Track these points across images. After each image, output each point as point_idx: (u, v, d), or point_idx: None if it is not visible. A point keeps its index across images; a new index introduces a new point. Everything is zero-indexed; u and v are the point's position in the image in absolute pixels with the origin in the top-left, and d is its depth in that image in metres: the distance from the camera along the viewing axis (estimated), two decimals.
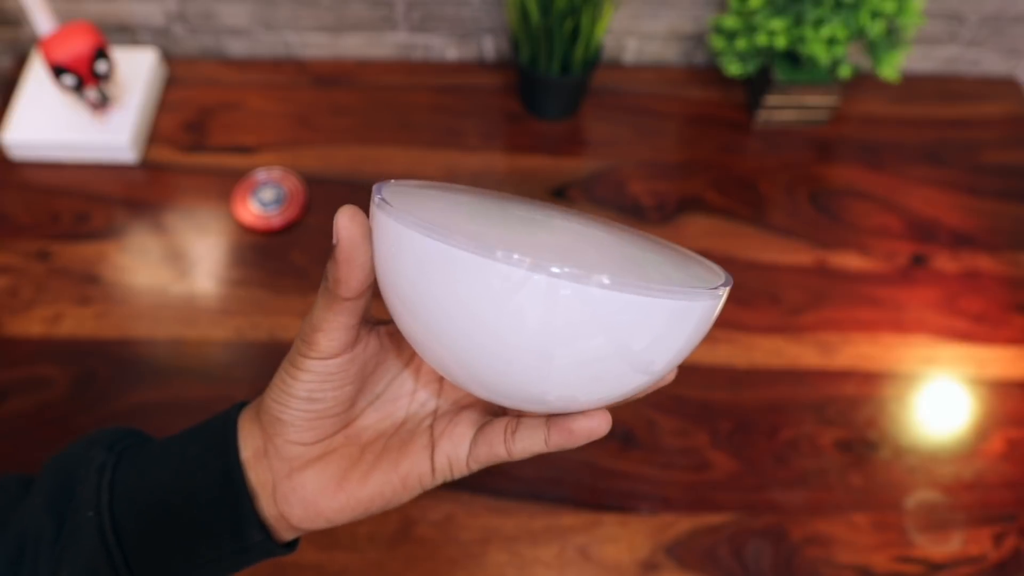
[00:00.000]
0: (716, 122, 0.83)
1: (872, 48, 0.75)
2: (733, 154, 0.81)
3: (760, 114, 0.81)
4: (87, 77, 0.72)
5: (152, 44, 0.86)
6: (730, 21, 0.77)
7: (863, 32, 0.73)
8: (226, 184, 0.76)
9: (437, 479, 0.32)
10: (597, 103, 0.83)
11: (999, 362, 0.69)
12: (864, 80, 0.85)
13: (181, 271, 0.72)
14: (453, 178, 0.78)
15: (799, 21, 0.74)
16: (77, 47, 0.70)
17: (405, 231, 0.26)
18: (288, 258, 0.73)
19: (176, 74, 0.84)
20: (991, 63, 0.87)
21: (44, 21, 0.70)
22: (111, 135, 0.76)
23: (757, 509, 0.62)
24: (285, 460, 0.32)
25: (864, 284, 0.73)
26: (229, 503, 0.31)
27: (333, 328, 0.30)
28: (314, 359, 0.30)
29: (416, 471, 0.32)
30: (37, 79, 0.79)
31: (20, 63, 0.84)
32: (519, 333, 0.25)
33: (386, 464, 0.32)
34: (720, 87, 0.85)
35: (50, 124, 0.77)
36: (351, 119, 0.82)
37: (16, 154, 0.77)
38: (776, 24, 0.72)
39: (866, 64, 0.83)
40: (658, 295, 0.25)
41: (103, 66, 0.73)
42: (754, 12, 0.74)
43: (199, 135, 0.80)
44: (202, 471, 0.32)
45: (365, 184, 0.77)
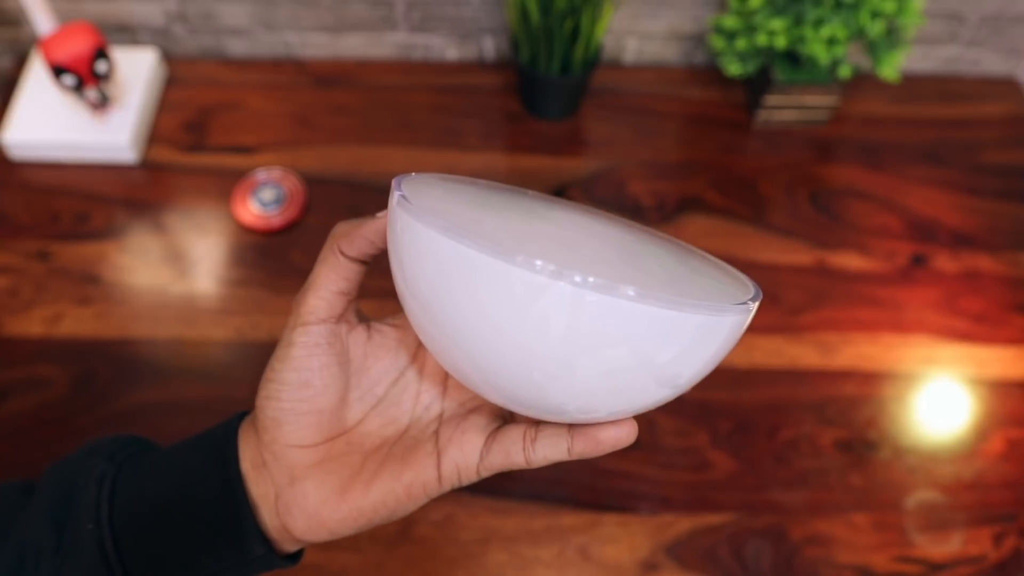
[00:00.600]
0: (716, 122, 0.83)
1: (872, 48, 0.75)
2: (733, 154, 0.81)
3: (760, 114, 0.81)
4: (87, 77, 0.72)
5: (152, 44, 0.86)
6: (730, 21, 0.77)
7: (863, 32, 0.73)
8: (226, 184, 0.76)
9: (444, 487, 0.31)
10: (597, 103, 0.83)
11: (999, 362, 0.69)
12: (864, 80, 0.85)
13: (181, 271, 0.72)
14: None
15: (799, 21, 0.74)
16: (77, 47, 0.70)
17: (425, 231, 0.25)
18: (288, 258, 0.73)
19: (176, 74, 0.84)
20: (991, 63, 0.87)
21: (44, 21, 0.70)
22: (111, 135, 0.76)
23: (757, 509, 0.62)
24: (285, 468, 0.31)
25: (864, 284, 0.73)
26: (230, 516, 0.31)
27: (323, 285, 0.31)
28: (303, 326, 0.31)
29: (421, 480, 0.30)
30: (37, 79, 0.79)
31: (20, 63, 0.84)
32: (541, 341, 0.24)
33: (389, 473, 0.31)
34: (720, 87, 0.85)
35: (50, 124, 0.77)
36: (351, 119, 0.82)
37: (16, 154, 0.77)
38: (776, 24, 0.72)
39: (866, 64, 0.83)
40: (686, 309, 0.24)
41: (103, 66, 0.73)
42: (754, 12, 0.75)
43: (199, 135, 0.80)
44: (202, 483, 0.32)
45: (365, 184, 0.77)
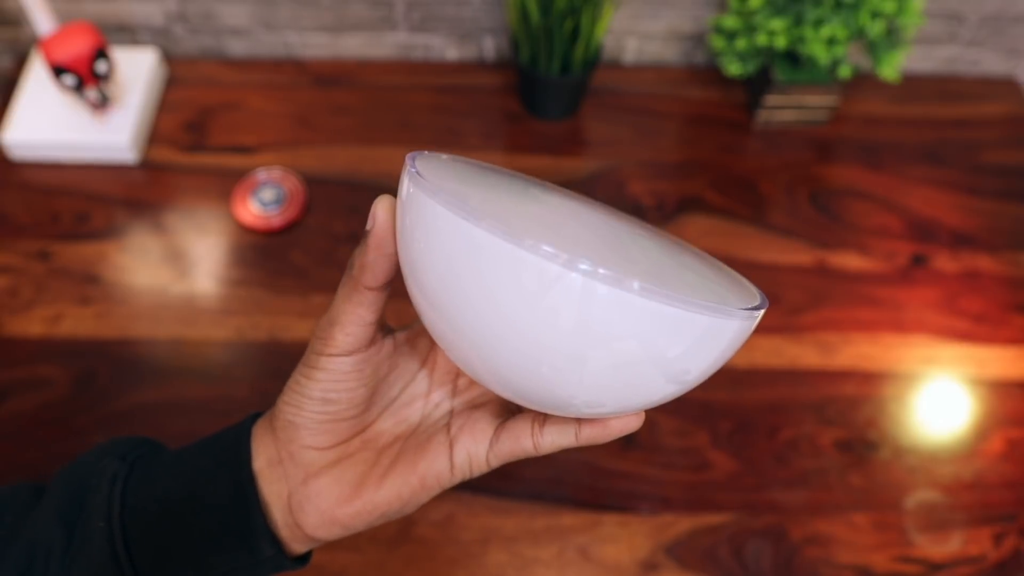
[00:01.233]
0: (716, 122, 0.83)
1: (872, 48, 0.75)
2: (733, 154, 0.81)
3: (760, 114, 0.81)
4: (87, 77, 0.72)
5: (152, 44, 0.86)
6: (730, 21, 0.77)
7: (863, 32, 0.73)
8: (226, 184, 0.76)
9: (456, 477, 0.31)
10: (597, 103, 0.83)
11: (999, 362, 0.69)
12: (864, 80, 0.85)
13: (181, 271, 0.72)
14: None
15: (799, 21, 0.74)
16: (77, 47, 0.70)
17: (435, 207, 0.24)
18: (288, 258, 0.73)
19: (176, 74, 0.84)
20: (991, 63, 0.87)
21: (44, 21, 0.70)
22: (111, 135, 0.76)
23: (757, 509, 0.62)
24: (300, 467, 0.31)
25: (864, 284, 0.73)
26: (240, 516, 0.31)
27: (351, 322, 0.30)
28: (329, 356, 0.30)
29: (434, 470, 0.31)
30: (37, 79, 0.79)
31: (20, 63, 0.84)
32: (549, 331, 0.24)
33: (403, 465, 0.31)
34: (720, 87, 0.85)
35: (50, 124, 0.77)
36: (351, 119, 0.82)
37: (16, 154, 0.77)
38: (776, 24, 0.72)
39: (866, 64, 0.83)
40: (693, 309, 0.24)
41: (103, 66, 0.73)
42: (754, 12, 0.75)
43: (199, 135, 0.80)
44: (213, 483, 0.32)
45: (365, 184, 0.77)
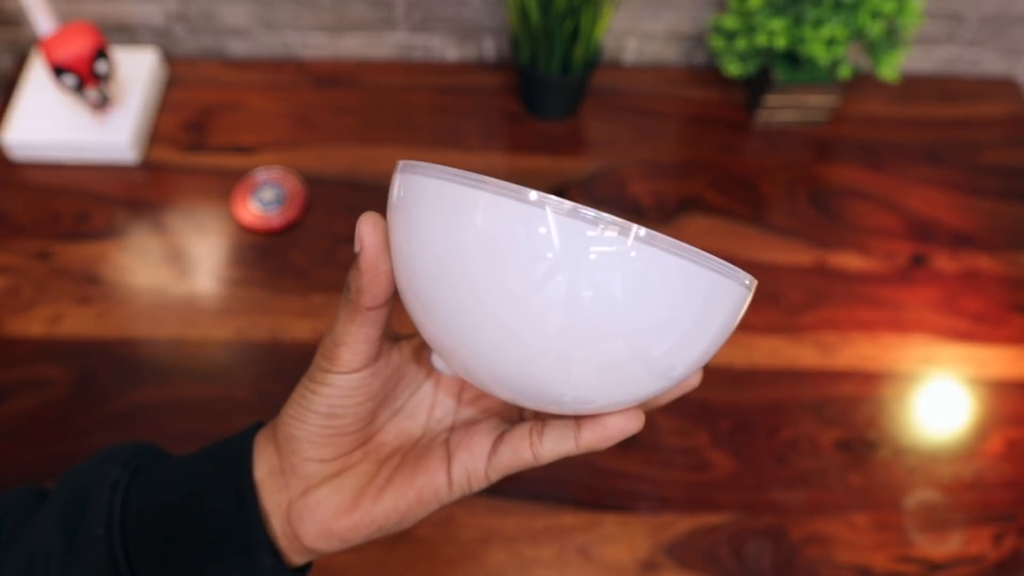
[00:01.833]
0: (716, 122, 0.83)
1: (872, 48, 0.75)
2: (733, 154, 0.81)
3: (760, 114, 0.81)
4: (87, 77, 0.72)
5: (152, 44, 0.86)
6: (730, 21, 0.77)
7: (863, 32, 0.73)
8: (226, 184, 0.76)
9: (455, 492, 0.31)
10: (597, 103, 0.83)
11: (999, 362, 0.69)
12: (864, 80, 0.85)
13: (181, 271, 0.72)
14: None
15: (799, 21, 0.74)
16: (77, 47, 0.70)
17: (434, 181, 0.26)
18: (288, 258, 0.73)
19: (176, 74, 0.84)
20: (991, 63, 0.87)
21: (44, 21, 0.70)
22: (111, 135, 0.76)
23: (757, 509, 0.62)
24: (302, 478, 0.31)
25: (864, 284, 0.73)
26: (241, 526, 0.31)
27: (356, 341, 0.29)
28: (337, 373, 0.30)
29: (432, 485, 0.31)
30: (37, 79, 0.79)
31: (20, 63, 0.84)
32: (539, 329, 0.24)
33: (400, 479, 0.31)
34: (720, 87, 0.85)
35: (50, 124, 0.77)
36: (351, 119, 0.82)
37: (16, 154, 0.77)
38: (776, 24, 0.72)
39: (866, 64, 0.83)
40: (695, 260, 0.25)
41: (103, 66, 0.73)
42: (754, 12, 0.75)
43: (199, 135, 0.80)
44: (214, 492, 0.31)
45: (365, 184, 0.77)
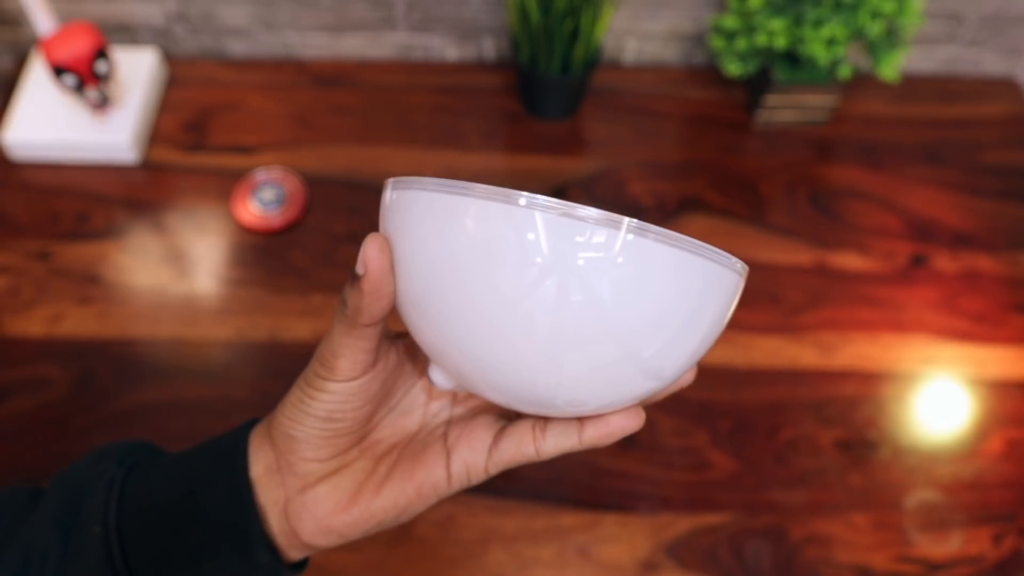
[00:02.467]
0: (716, 122, 0.83)
1: (872, 48, 0.75)
2: (733, 154, 0.81)
3: (760, 114, 0.81)
4: (87, 77, 0.72)
5: (152, 44, 0.86)
6: (730, 21, 0.77)
7: (863, 32, 0.73)
8: (226, 184, 0.76)
9: (454, 486, 0.31)
10: (597, 103, 0.83)
11: (999, 362, 0.69)
12: (864, 80, 0.85)
13: (181, 271, 0.72)
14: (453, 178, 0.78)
15: (799, 21, 0.74)
16: (77, 47, 0.70)
17: (425, 194, 0.26)
18: (288, 258, 0.73)
19: (176, 74, 0.84)
20: (991, 63, 0.87)
21: (44, 21, 0.70)
22: (111, 135, 0.76)
23: (757, 509, 0.62)
24: (299, 476, 0.31)
25: (864, 284, 0.73)
26: (237, 523, 0.31)
27: (353, 352, 0.29)
28: (336, 382, 0.30)
29: (431, 479, 0.31)
30: (37, 79, 0.79)
31: (20, 63, 0.84)
32: (529, 333, 0.24)
33: (400, 474, 0.31)
34: (720, 87, 0.85)
35: (50, 124, 0.77)
36: (351, 119, 0.82)
37: (16, 154, 0.77)
38: (776, 24, 0.72)
39: (866, 64, 0.83)
40: (687, 248, 0.24)
41: (103, 66, 0.73)
42: (754, 12, 0.75)
43: (199, 135, 0.80)
44: (210, 490, 0.32)
45: (365, 184, 0.77)
